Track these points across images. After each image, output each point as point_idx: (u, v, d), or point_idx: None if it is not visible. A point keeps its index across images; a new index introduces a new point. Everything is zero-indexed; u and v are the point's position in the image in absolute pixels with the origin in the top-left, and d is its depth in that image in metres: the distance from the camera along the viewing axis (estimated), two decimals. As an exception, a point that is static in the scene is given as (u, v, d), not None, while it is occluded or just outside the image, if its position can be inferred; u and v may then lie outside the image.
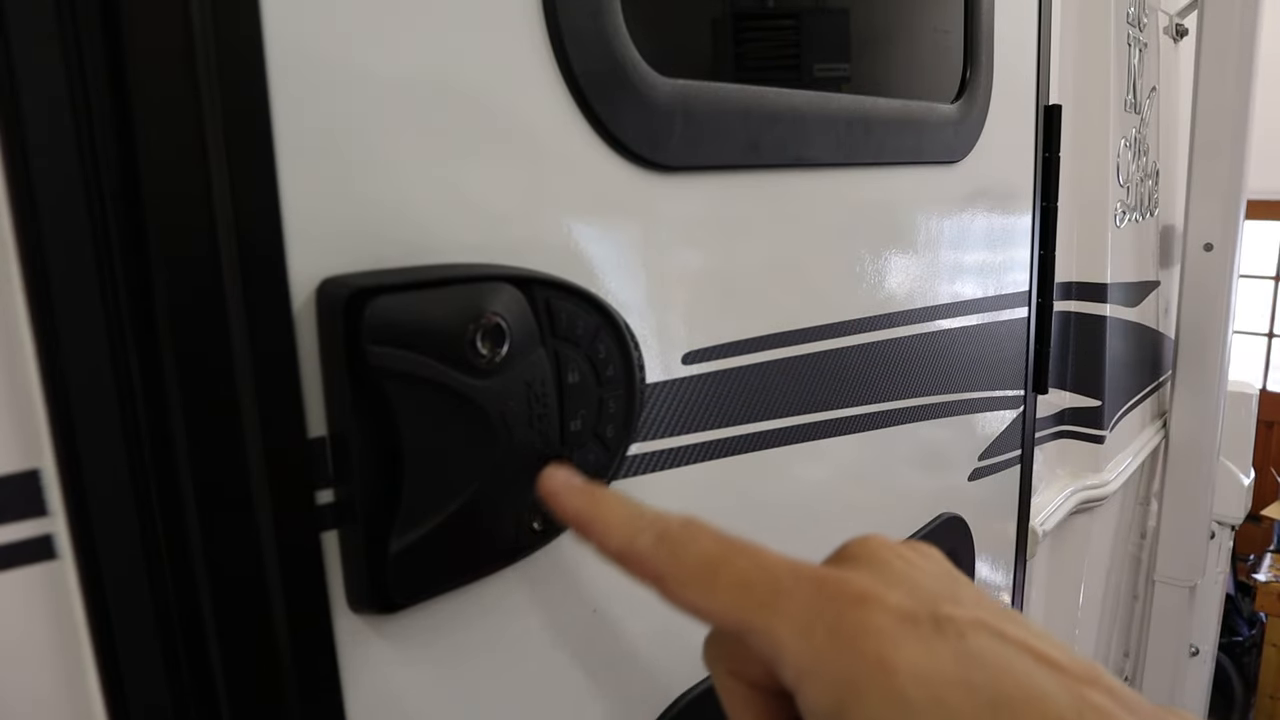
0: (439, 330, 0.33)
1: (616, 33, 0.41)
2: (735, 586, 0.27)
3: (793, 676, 0.25)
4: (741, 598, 0.26)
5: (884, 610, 0.25)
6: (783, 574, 0.26)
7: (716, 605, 0.27)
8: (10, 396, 0.27)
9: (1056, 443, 1.25)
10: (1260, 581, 3.30)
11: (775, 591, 0.26)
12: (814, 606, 0.25)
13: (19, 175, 0.26)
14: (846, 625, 0.24)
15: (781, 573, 0.26)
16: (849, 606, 0.25)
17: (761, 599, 0.26)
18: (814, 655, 0.25)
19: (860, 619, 0.25)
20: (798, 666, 0.25)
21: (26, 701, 0.28)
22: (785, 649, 0.25)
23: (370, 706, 0.36)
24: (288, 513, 0.31)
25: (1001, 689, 0.23)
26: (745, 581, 0.27)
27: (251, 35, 0.29)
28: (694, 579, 0.27)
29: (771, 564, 0.27)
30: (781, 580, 0.26)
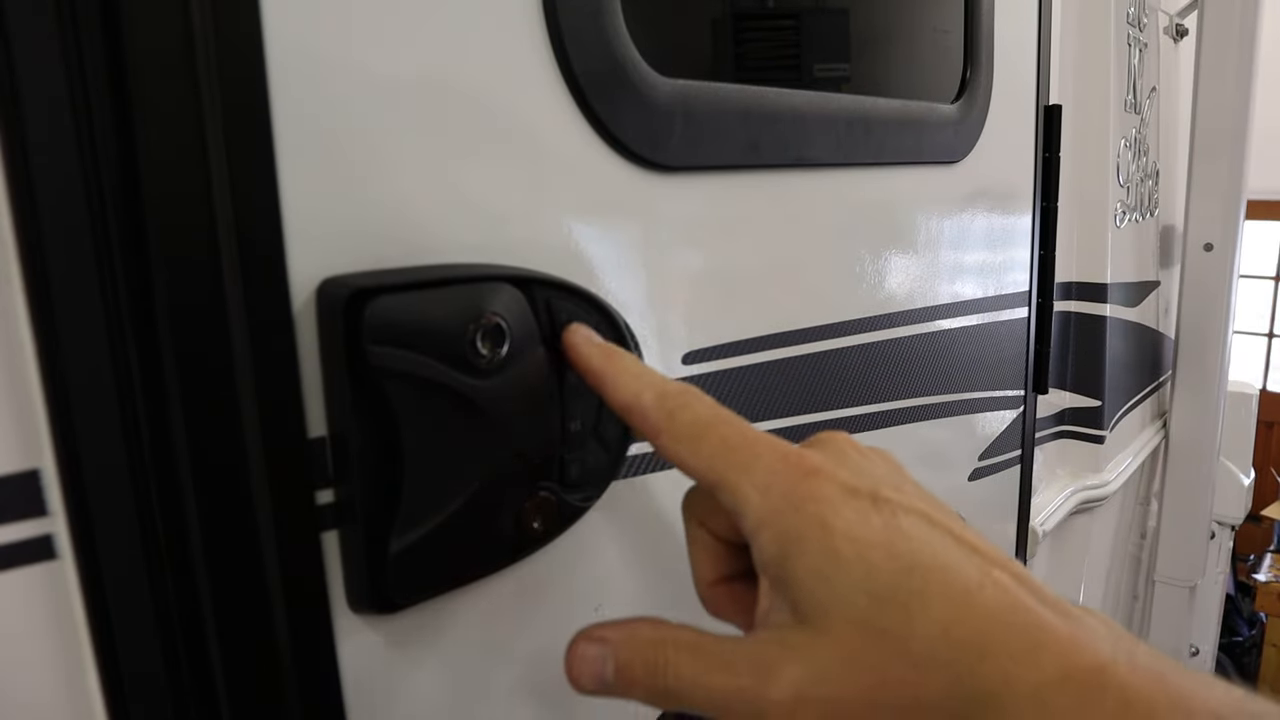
0: (439, 330, 0.33)
1: (616, 33, 0.41)
2: (717, 447, 0.31)
3: (750, 527, 0.30)
4: (721, 457, 0.31)
5: (831, 482, 0.29)
6: (758, 444, 0.31)
7: (699, 461, 0.31)
8: (10, 396, 0.27)
9: (1056, 443, 1.25)
10: (1260, 581, 3.30)
11: (749, 455, 0.30)
12: (775, 472, 0.30)
13: (19, 175, 0.26)
14: (798, 490, 0.29)
15: (757, 443, 0.31)
16: (803, 476, 0.30)
17: (736, 461, 0.30)
18: (769, 511, 0.29)
19: (810, 487, 0.29)
20: (755, 519, 0.30)
21: (27, 701, 0.28)
22: (748, 503, 0.30)
23: (370, 706, 0.36)
24: (288, 513, 0.31)
25: (918, 557, 0.27)
26: (726, 444, 0.31)
27: (251, 35, 0.29)
28: (685, 436, 0.32)
29: (750, 434, 0.31)
30: (756, 448, 0.31)
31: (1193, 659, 1.76)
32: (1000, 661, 0.25)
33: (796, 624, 0.28)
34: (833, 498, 0.29)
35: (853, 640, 0.27)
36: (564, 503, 0.39)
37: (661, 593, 0.49)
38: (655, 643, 0.31)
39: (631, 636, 0.31)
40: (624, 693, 0.31)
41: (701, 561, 0.35)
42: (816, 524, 0.28)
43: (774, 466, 0.30)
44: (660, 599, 0.49)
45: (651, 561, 0.48)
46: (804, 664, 0.27)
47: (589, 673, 0.32)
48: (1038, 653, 0.25)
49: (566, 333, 0.37)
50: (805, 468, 0.30)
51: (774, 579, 0.29)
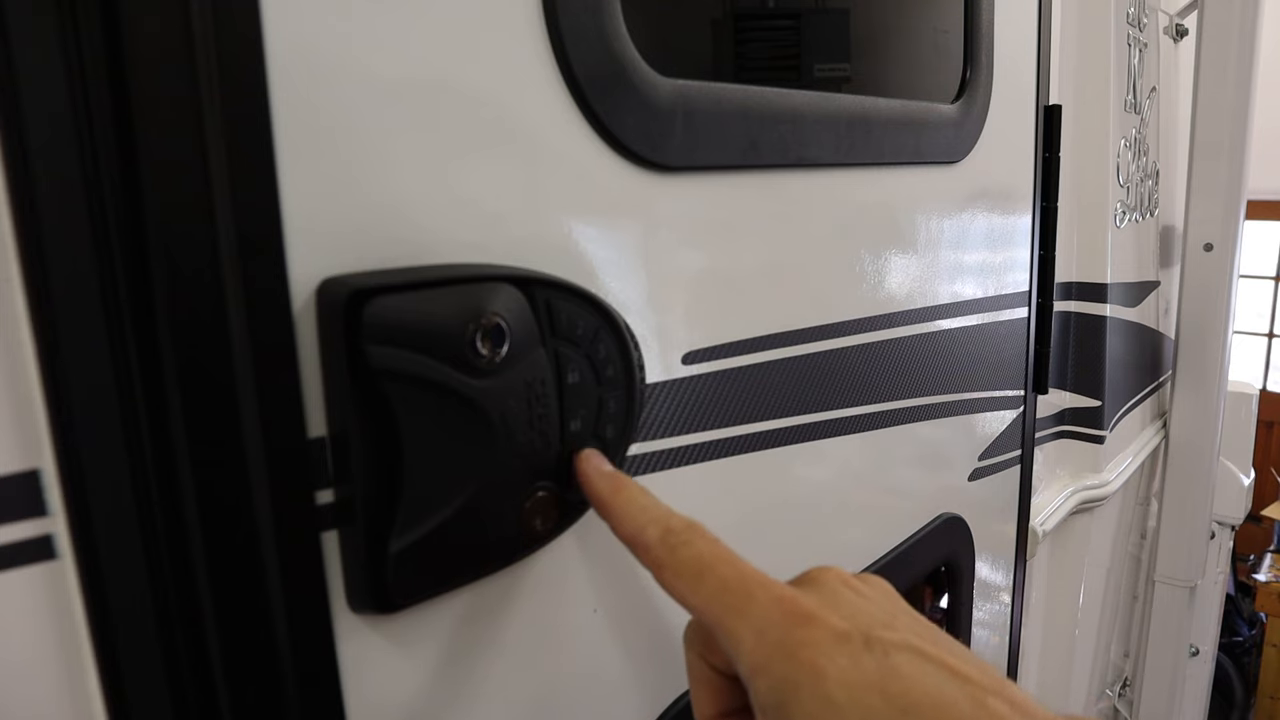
0: (439, 330, 0.33)
1: (616, 33, 0.41)
2: (715, 588, 0.32)
3: (745, 671, 0.30)
4: (718, 599, 0.32)
5: (824, 628, 0.30)
6: (754, 586, 0.32)
7: (698, 600, 0.32)
8: (10, 396, 0.27)
9: (1056, 443, 1.25)
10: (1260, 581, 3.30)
11: (745, 599, 0.31)
12: (770, 618, 0.30)
13: (19, 175, 0.26)
14: (792, 637, 0.30)
15: (753, 585, 0.32)
16: (797, 623, 0.30)
17: (733, 604, 0.31)
18: (764, 657, 0.30)
19: (803, 634, 0.30)
20: (750, 664, 0.30)
21: (27, 701, 0.28)
22: (742, 648, 0.30)
23: (370, 706, 0.36)
24: (288, 513, 0.31)
25: (912, 697, 0.28)
26: (724, 586, 0.32)
27: (251, 35, 0.29)
28: (685, 573, 0.33)
29: (748, 576, 0.32)
30: (752, 591, 0.31)
31: (1193, 659, 1.76)
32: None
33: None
34: (825, 643, 0.29)
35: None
36: (564, 502, 0.39)
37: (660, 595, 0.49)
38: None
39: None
40: None
41: (701, 695, 0.35)
42: (810, 671, 0.29)
43: (768, 612, 0.31)
44: (659, 600, 0.49)
45: (651, 561, 0.48)
46: None
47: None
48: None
49: (578, 460, 0.39)
50: (799, 614, 0.30)
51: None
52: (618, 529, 0.36)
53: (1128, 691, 1.66)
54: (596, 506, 0.38)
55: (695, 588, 0.32)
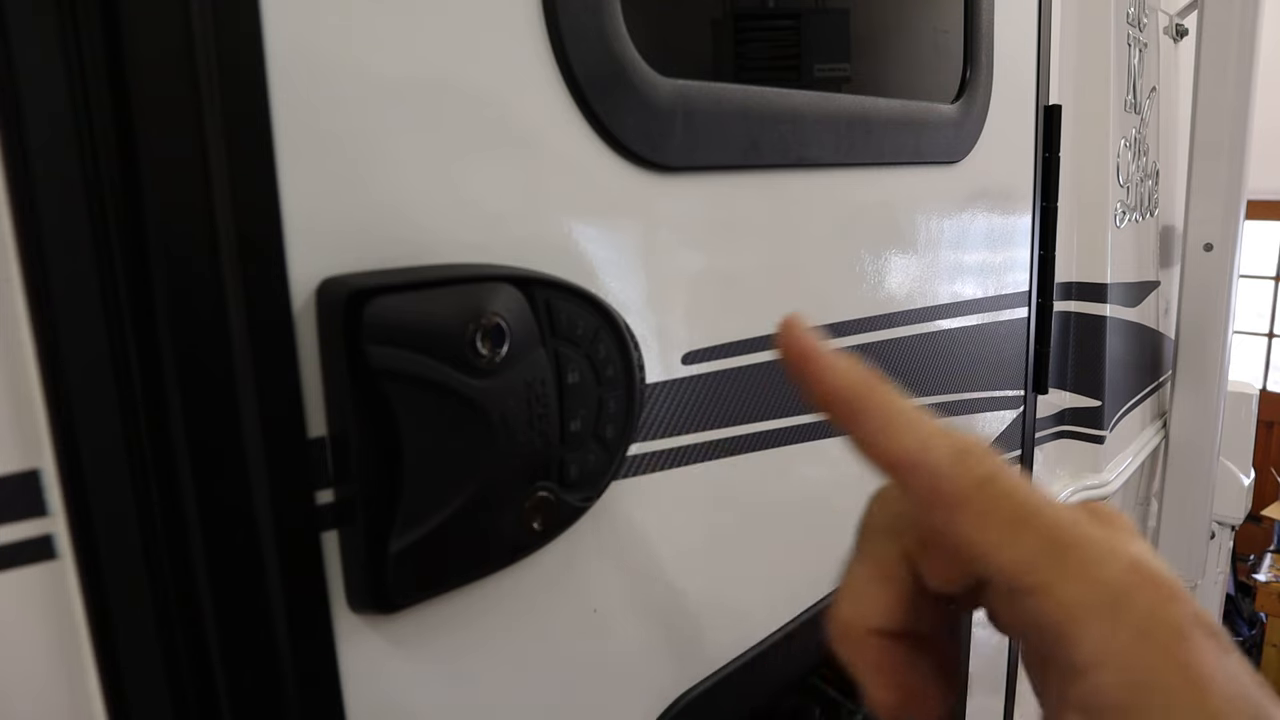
0: (439, 330, 0.33)
1: (616, 33, 0.41)
2: (1044, 541, 0.23)
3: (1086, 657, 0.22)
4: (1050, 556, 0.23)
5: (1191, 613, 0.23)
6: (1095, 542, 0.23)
7: (1018, 553, 0.23)
8: (10, 396, 0.27)
9: (1056, 443, 1.25)
10: (1260, 581, 3.30)
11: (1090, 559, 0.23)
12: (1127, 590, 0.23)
13: (19, 175, 0.26)
14: (1161, 622, 0.22)
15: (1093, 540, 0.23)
16: (1164, 601, 0.23)
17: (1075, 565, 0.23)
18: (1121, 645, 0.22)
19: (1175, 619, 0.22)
20: (1099, 650, 0.22)
21: (27, 701, 0.28)
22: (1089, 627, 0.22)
23: (370, 706, 0.36)
24: (288, 513, 0.31)
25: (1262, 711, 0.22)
26: (1060, 538, 0.23)
27: (251, 35, 0.29)
28: (998, 519, 0.24)
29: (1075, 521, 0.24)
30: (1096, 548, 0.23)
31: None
32: None
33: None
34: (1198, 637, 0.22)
35: None
36: (564, 503, 0.39)
37: (661, 594, 0.49)
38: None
39: None
40: None
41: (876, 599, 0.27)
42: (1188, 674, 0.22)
43: (1125, 580, 0.23)
44: (659, 600, 0.49)
45: (651, 562, 0.48)
46: None
47: None
48: None
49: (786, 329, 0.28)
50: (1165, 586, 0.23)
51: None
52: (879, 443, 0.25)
53: (1128, 691, 1.66)
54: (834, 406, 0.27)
55: (1014, 537, 0.23)
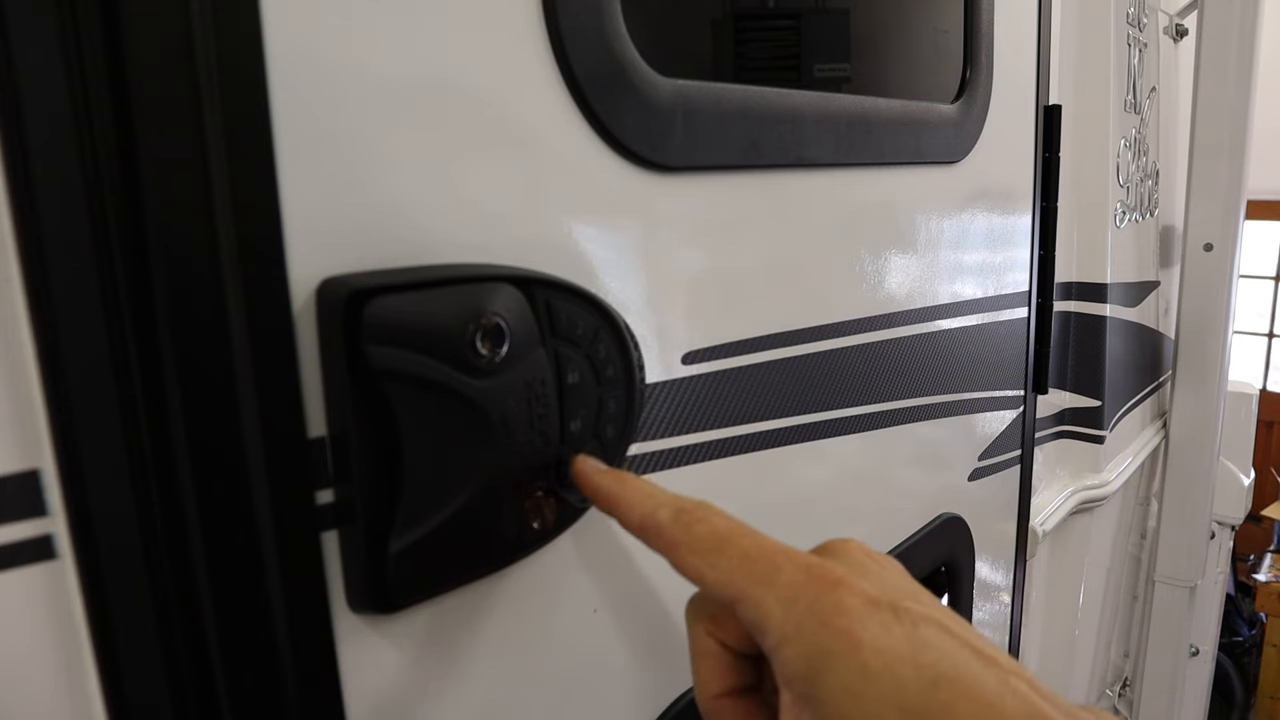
0: (439, 330, 0.33)
1: (616, 33, 0.41)
2: (736, 560, 0.31)
3: (772, 642, 0.29)
4: (741, 570, 0.31)
5: (855, 595, 0.29)
6: (777, 555, 0.31)
7: (718, 575, 0.31)
8: (10, 396, 0.27)
9: (1056, 443, 1.25)
10: (1260, 581, 3.30)
11: (771, 568, 0.30)
12: (798, 585, 0.30)
13: (19, 175, 0.26)
14: (824, 604, 0.29)
15: (777, 554, 0.31)
16: (827, 589, 0.29)
17: (758, 574, 0.30)
18: (795, 626, 0.29)
19: (836, 599, 0.29)
20: (780, 633, 0.29)
21: (26, 701, 0.28)
22: (770, 618, 0.29)
23: (370, 706, 0.36)
24: (288, 513, 0.31)
25: (941, 669, 0.27)
26: (747, 557, 0.31)
27: (251, 35, 0.29)
28: (703, 549, 0.32)
29: (769, 546, 0.31)
30: (776, 560, 0.31)
31: (1193, 659, 1.76)
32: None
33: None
34: (857, 610, 0.29)
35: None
36: (564, 503, 0.39)
37: (659, 594, 0.49)
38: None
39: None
40: None
41: (708, 673, 0.34)
42: (844, 638, 0.28)
43: (796, 579, 0.30)
44: (658, 600, 0.49)
45: (651, 562, 0.48)
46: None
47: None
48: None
49: (576, 463, 0.38)
50: (828, 580, 0.30)
51: (800, 695, 0.29)
52: (627, 518, 0.35)
53: (1128, 691, 1.66)
54: (601, 502, 0.37)
55: (715, 561, 0.31)
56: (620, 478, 0.37)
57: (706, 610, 0.34)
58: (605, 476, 0.37)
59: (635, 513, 0.35)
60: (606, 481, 0.37)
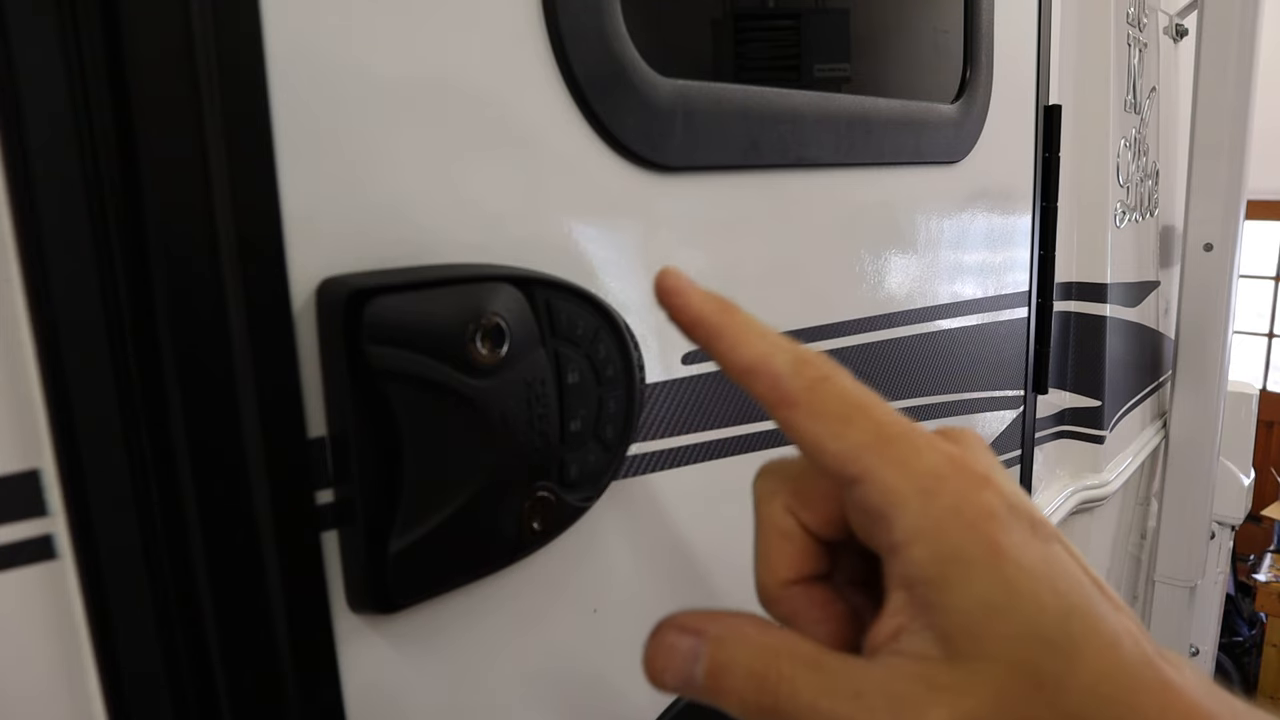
0: (439, 330, 0.33)
1: (616, 33, 0.41)
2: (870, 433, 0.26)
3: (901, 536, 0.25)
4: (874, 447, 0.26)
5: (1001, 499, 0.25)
6: (917, 436, 0.27)
7: (842, 445, 0.26)
8: (10, 396, 0.27)
9: (1056, 443, 1.25)
10: (1260, 581, 3.30)
11: (911, 449, 0.26)
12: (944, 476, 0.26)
13: (19, 175, 0.26)
14: (970, 504, 0.25)
15: (916, 435, 0.27)
16: (974, 486, 0.25)
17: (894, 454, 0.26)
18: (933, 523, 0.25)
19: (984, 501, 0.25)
20: (911, 527, 0.25)
21: (26, 701, 0.28)
22: (906, 508, 0.25)
23: (370, 706, 0.36)
24: (288, 513, 0.31)
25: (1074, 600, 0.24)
26: (882, 431, 0.26)
27: (251, 35, 0.29)
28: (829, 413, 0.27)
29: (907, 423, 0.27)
30: (916, 441, 0.26)
31: (1193, 659, 1.76)
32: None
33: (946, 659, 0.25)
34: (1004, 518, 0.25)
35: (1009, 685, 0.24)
36: (564, 503, 0.39)
37: (661, 594, 0.49)
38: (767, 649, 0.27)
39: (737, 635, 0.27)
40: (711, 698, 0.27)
41: (779, 555, 0.29)
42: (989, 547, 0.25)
43: (940, 469, 0.26)
44: (660, 600, 0.49)
45: (651, 562, 0.48)
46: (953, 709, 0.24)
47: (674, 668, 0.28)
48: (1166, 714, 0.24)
49: (662, 277, 0.30)
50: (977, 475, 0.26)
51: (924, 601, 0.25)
52: (732, 356, 0.29)
53: (1128, 691, 1.66)
54: (699, 332, 0.30)
55: (841, 431, 0.26)
56: (725, 305, 0.30)
57: (789, 482, 0.30)
58: (708, 302, 0.30)
59: (746, 351, 0.28)
60: (709, 308, 0.30)
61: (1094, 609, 0.24)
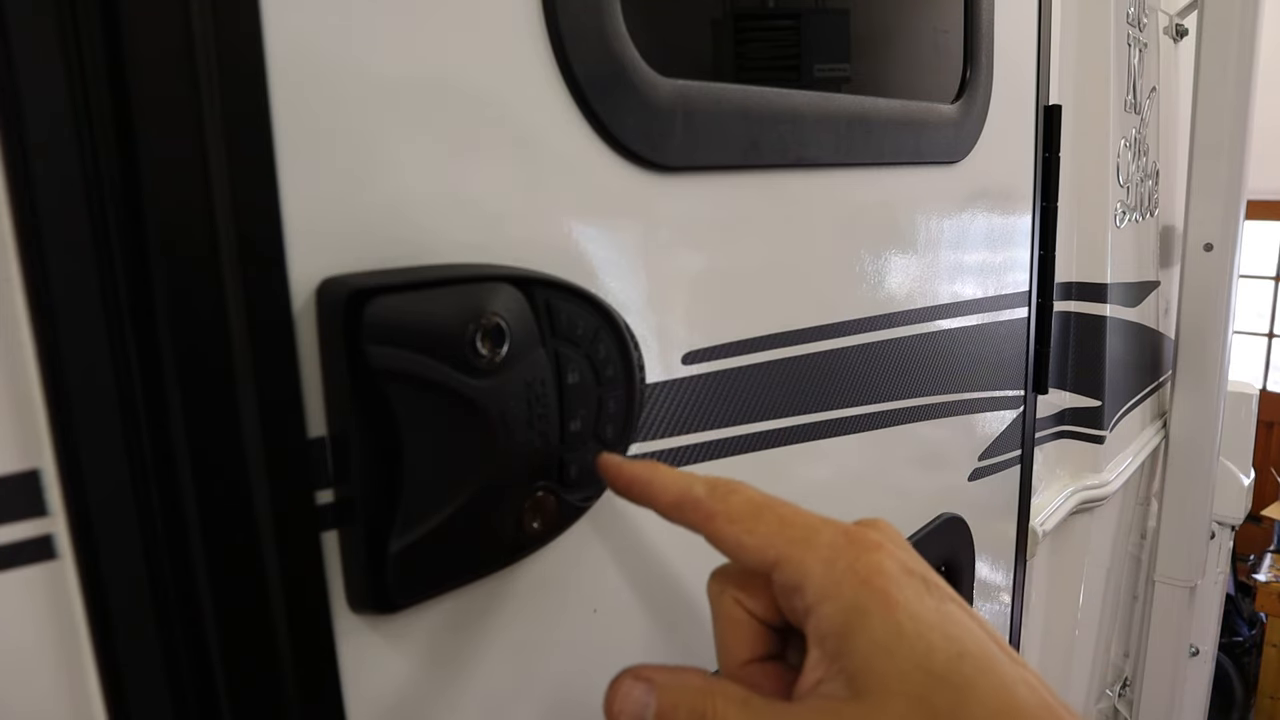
0: (439, 330, 0.33)
1: (616, 33, 0.41)
2: (774, 525, 0.32)
3: (812, 599, 0.30)
4: (779, 534, 0.32)
5: (892, 559, 0.31)
6: (814, 520, 0.32)
7: (755, 539, 0.32)
8: (10, 396, 0.27)
9: (1056, 443, 1.25)
10: (1260, 581, 3.30)
11: (809, 530, 0.32)
12: (838, 546, 0.31)
13: (19, 175, 0.26)
14: (864, 563, 0.30)
15: (813, 519, 0.33)
16: (866, 550, 0.31)
17: (797, 537, 0.32)
18: (833, 583, 0.30)
19: (876, 560, 0.30)
20: (818, 590, 0.30)
21: (26, 702, 0.28)
22: (810, 576, 0.30)
23: (370, 706, 0.36)
24: (288, 513, 0.31)
25: (966, 645, 0.28)
26: (784, 522, 0.32)
27: (251, 35, 0.29)
28: (740, 516, 0.33)
29: (805, 513, 0.33)
30: (814, 524, 0.32)
31: (1193, 659, 1.76)
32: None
33: (851, 697, 0.29)
34: (894, 574, 0.30)
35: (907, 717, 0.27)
36: (564, 503, 0.39)
37: (660, 593, 0.49)
38: (704, 692, 0.31)
39: (679, 682, 0.32)
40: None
41: (734, 641, 0.35)
42: (882, 598, 0.29)
43: (836, 541, 0.31)
44: (659, 599, 0.49)
45: (651, 562, 0.48)
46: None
47: (629, 711, 0.32)
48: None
49: (600, 460, 0.39)
50: (867, 542, 0.31)
51: (833, 651, 0.30)
52: (662, 499, 0.35)
53: (1128, 691, 1.66)
54: (635, 489, 0.37)
55: (752, 527, 0.32)
56: (651, 465, 0.37)
57: (734, 579, 0.35)
58: (636, 465, 0.37)
59: (670, 491, 0.35)
60: (638, 469, 0.37)
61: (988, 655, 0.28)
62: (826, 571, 0.30)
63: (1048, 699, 0.28)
